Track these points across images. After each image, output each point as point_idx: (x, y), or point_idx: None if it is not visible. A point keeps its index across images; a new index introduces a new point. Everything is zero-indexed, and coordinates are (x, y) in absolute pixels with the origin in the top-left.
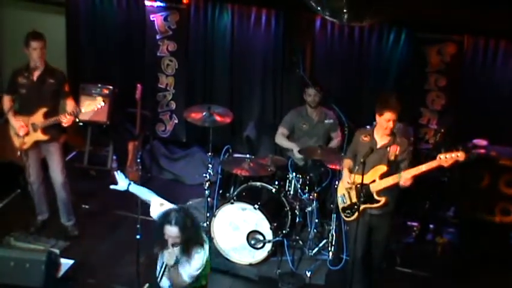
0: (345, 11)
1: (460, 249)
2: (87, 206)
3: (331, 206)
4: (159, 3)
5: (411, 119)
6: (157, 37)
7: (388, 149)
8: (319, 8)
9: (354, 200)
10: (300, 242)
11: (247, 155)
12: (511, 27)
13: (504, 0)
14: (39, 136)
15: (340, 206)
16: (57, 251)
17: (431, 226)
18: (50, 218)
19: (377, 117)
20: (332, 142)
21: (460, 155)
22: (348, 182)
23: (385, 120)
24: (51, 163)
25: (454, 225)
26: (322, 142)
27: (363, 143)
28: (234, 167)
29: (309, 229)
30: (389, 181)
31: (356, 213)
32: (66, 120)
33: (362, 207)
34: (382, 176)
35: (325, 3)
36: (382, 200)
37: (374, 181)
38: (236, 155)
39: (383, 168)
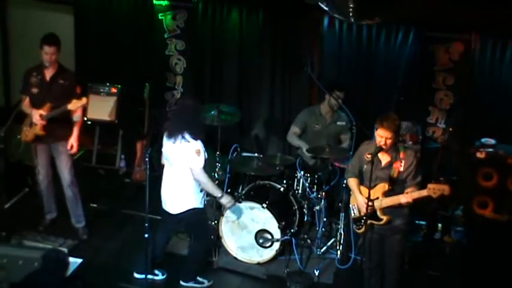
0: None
1: (468, 249)
2: (95, 205)
3: (340, 204)
4: (167, 2)
5: (419, 117)
6: (166, 36)
7: (392, 166)
8: (327, 7)
9: (362, 213)
10: (308, 241)
11: (256, 154)
12: None
13: None
14: (38, 131)
15: (351, 216)
16: (65, 250)
17: (439, 225)
18: (59, 217)
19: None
20: (342, 145)
21: (445, 189)
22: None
23: (378, 135)
24: (59, 162)
25: (462, 224)
26: (332, 143)
27: (366, 162)
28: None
29: (317, 228)
30: (388, 202)
31: (364, 227)
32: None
33: (369, 222)
34: (385, 194)
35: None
36: (384, 218)
37: (378, 198)
38: (244, 154)
39: (385, 186)
